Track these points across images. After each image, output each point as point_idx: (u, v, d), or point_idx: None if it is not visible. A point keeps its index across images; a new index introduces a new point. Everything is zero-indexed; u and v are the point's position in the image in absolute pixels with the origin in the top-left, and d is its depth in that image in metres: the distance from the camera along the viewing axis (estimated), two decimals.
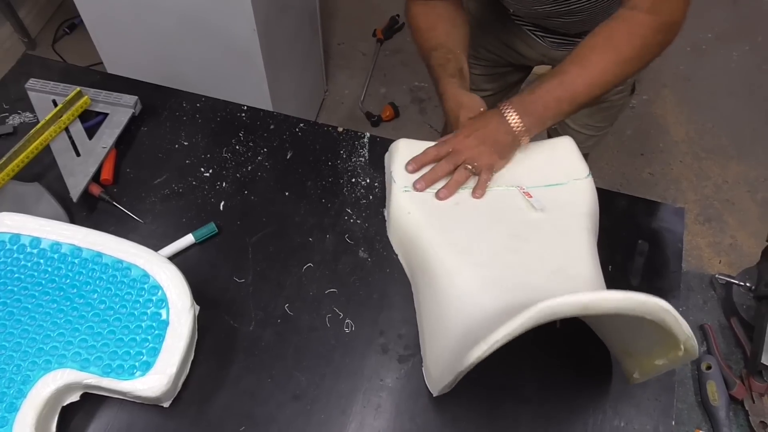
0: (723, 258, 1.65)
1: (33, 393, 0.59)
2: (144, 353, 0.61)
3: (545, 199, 0.71)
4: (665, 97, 2.02)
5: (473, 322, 0.60)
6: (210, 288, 0.71)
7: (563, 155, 0.76)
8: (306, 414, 0.63)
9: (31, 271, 0.65)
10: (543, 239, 0.68)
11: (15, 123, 0.86)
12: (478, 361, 0.51)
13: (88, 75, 0.93)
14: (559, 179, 0.74)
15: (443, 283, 0.65)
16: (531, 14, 0.90)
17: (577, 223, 0.70)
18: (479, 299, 0.62)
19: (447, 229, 0.69)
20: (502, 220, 0.70)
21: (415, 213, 0.70)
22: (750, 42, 2.16)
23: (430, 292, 0.67)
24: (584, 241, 0.68)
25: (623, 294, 0.48)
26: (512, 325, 0.48)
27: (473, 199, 0.72)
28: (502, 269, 0.65)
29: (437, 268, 0.66)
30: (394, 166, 0.74)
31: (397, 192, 0.72)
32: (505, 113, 0.72)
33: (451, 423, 0.63)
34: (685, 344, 0.51)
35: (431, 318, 0.66)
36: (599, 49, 0.70)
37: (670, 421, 0.64)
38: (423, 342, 0.67)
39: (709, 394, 0.75)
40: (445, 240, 0.68)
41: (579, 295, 0.48)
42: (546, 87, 0.71)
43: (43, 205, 0.76)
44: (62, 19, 2.13)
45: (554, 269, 0.65)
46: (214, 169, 0.82)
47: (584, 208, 0.71)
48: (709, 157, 1.87)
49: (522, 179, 0.74)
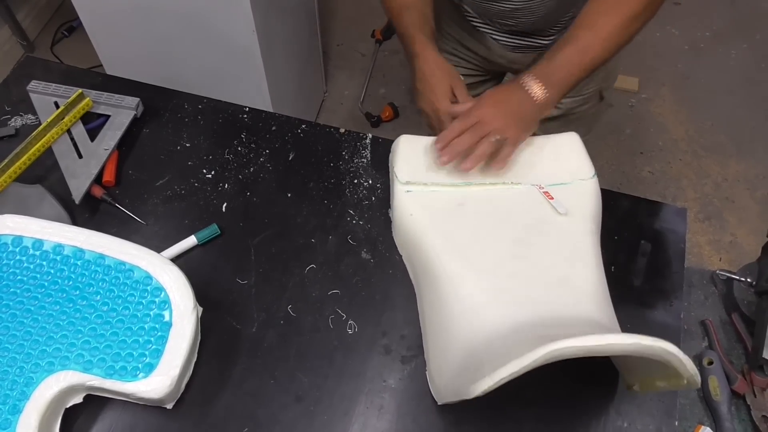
0: (723, 255, 1.65)
1: (36, 395, 0.59)
2: (147, 355, 0.61)
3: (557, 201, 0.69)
4: (664, 96, 2.02)
5: (478, 341, 0.59)
6: (213, 289, 0.71)
7: (569, 153, 0.74)
8: (309, 415, 0.63)
9: (34, 273, 0.65)
10: (547, 244, 0.67)
11: (17, 125, 0.86)
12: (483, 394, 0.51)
13: (90, 77, 0.93)
14: (564, 178, 0.72)
15: (447, 292, 0.64)
16: (482, 10, 0.87)
17: (582, 226, 0.68)
18: (484, 316, 0.61)
19: (450, 233, 0.68)
20: (507, 222, 0.69)
21: (417, 215, 0.70)
22: (748, 40, 2.17)
23: (433, 298, 0.66)
24: (588, 246, 0.67)
25: (630, 338, 0.48)
26: (518, 364, 0.48)
27: (477, 199, 0.71)
28: (507, 279, 0.64)
29: (441, 275, 0.65)
30: (396, 163, 0.73)
31: (399, 193, 0.71)
32: (528, 85, 0.69)
33: (454, 425, 0.63)
34: (689, 380, 0.51)
35: (435, 326, 0.65)
36: (605, 10, 0.69)
37: (673, 422, 0.64)
38: (426, 347, 0.66)
39: (711, 389, 0.75)
40: (448, 245, 0.67)
41: (586, 339, 0.48)
42: (564, 55, 0.70)
43: (46, 207, 0.76)
44: (60, 22, 2.13)
45: (559, 278, 0.64)
46: (217, 171, 0.82)
47: (589, 210, 0.69)
48: (709, 155, 1.87)
49: (525, 176, 0.72)
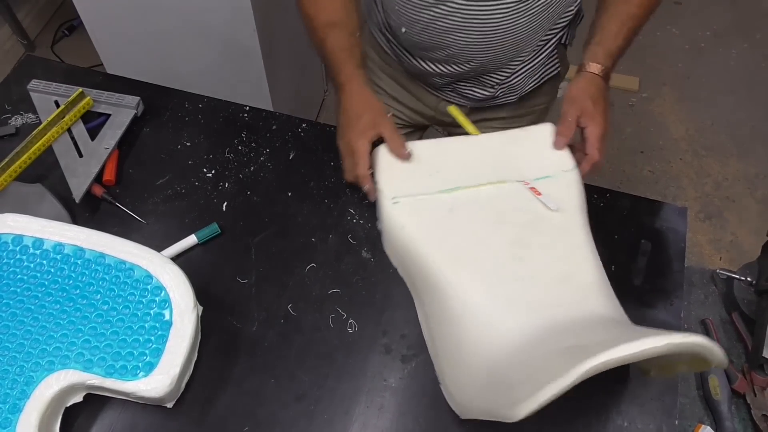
0: (723, 255, 1.65)
1: (36, 394, 0.59)
2: (147, 354, 0.61)
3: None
4: (665, 95, 2.02)
5: (499, 354, 0.57)
6: (213, 289, 0.71)
7: (547, 144, 0.73)
8: (309, 414, 0.63)
9: (34, 272, 0.65)
10: (544, 242, 0.66)
11: (17, 124, 0.86)
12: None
13: (90, 76, 0.93)
14: (547, 171, 0.70)
15: (455, 304, 0.62)
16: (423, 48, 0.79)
17: (573, 220, 0.68)
18: (499, 326, 0.59)
19: (446, 242, 0.66)
20: (501, 223, 0.67)
21: (409, 227, 0.67)
22: (749, 40, 2.17)
23: (438, 310, 0.65)
24: (583, 240, 0.67)
25: (663, 340, 0.47)
26: (560, 385, 0.47)
27: (466, 203, 0.69)
28: (513, 283, 0.63)
29: (445, 286, 0.63)
30: (379, 175, 0.70)
31: (387, 205, 0.68)
32: (592, 75, 0.73)
33: (455, 423, 0.63)
34: (719, 364, 0.51)
35: (446, 339, 0.63)
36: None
37: (673, 421, 0.64)
38: (437, 360, 0.65)
39: (711, 389, 0.75)
40: (447, 254, 0.65)
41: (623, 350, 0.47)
42: (614, 25, 0.73)
43: (46, 206, 0.76)
44: (61, 21, 2.13)
45: (562, 276, 0.63)
46: (217, 170, 0.82)
47: (576, 202, 0.69)
48: (709, 154, 1.87)
49: (509, 173, 0.71)
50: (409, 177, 0.70)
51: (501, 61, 0.79)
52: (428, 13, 0.72)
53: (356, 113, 0.69)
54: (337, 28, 0.71)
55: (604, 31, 0.74)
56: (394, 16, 0.78)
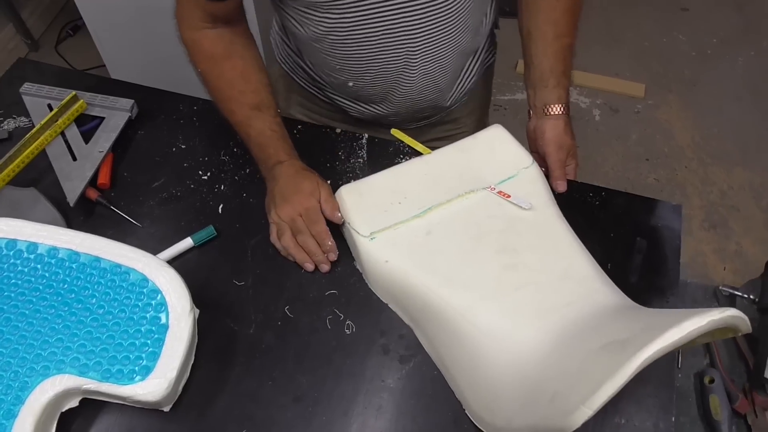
0: (728, 264, 1.63)
1: (31, 399, 0.58)
2: (143, 357, 0.61)
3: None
4: (670, 103, 2.02)
5: (527, 367, 0.56)
6: (209, 291, 0.71)
7: (501, 146, 0.73)
8: (307, 416, 0.63)
9: (28, 276, 0.64)
10: (529, 244, 0.66)
11: (10, 128, 0.86)
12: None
13: (84, 79, 0.92)
14: (508, 172, 0.71)
15: (463, 328, 0.61)
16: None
17: (547, 213, 0.67)
18: (518, 339, 0.58)
19: (433, 265, 0.65)
20: (481, 234, 0.67)
21: (392, 259, 0.66)
22: (755, 47, 2.16)
23: (446, 338, 0.63)
24: (564, 231, 0.67)
25: (704, 319, 0.47)
26: (614, 386, 0.47)
27: (441, 222, 0.68)
28: (515, 292, 0.62)
29: (447, 311, 0.62)
30: (350, 218, 0.69)
31: (364, 243, 0.68)
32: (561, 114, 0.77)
33: (453, 423, 0.63)
34: (745, 331, 0.51)
35: (463, 364, 0.62)
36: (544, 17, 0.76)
37: (670, 417, 0.64)
38: (456, 384, 0.63)
39: (712, 408, 0.73)
40: (438, 279, 0.64)
41: (670, 336, 0.47)
42: (553, 60, 0.75)
43: (40, 209, 0.75)
44: (65, 21, 2.12)
45: (559, 274, 0.63)
46: (213, 172, 0.82)
47: (544, 195, 0.69)
48: (715, 162, 1.86)
49: (474, 182, 0.70)
50: (379, 210, 0.70)
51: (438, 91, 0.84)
52: (374, 62, 0.76)
53: (296, 183, 0.71)
54: (260, 111, 0.74)
55: (554, 73, 0.76)
56: (335, 75, 0.81)
